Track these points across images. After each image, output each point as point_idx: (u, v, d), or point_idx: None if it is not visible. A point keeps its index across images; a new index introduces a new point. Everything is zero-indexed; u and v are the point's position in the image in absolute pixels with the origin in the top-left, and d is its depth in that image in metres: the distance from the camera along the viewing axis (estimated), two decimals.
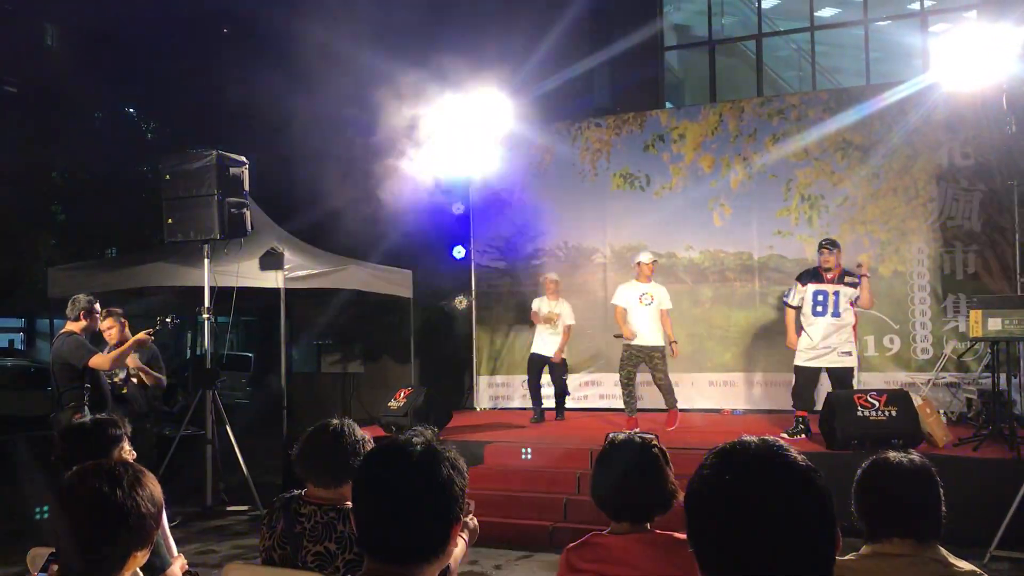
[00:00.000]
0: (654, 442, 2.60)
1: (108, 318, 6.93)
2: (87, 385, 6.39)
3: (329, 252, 10.45)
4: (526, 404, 10.40)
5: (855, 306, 7.57)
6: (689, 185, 10.30)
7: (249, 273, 8.61)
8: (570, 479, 7.05)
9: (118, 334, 6.95)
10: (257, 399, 16.60)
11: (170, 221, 7.77)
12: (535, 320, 9.36)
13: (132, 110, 19.62)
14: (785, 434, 7.68)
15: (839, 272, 7.59)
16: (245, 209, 7.85)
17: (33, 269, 16.92)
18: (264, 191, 10.55)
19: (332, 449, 2.78)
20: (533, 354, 9.38)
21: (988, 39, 7.61)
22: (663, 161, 10.45)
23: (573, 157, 10.87)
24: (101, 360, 6.41)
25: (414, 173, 9.07)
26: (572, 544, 2.51)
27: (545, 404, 9.50)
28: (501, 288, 11.21)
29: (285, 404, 9.15)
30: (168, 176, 7.81)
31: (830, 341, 7.55)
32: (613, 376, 10.42)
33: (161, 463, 7.23)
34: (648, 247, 9.50)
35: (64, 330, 6.52)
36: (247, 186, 7.94)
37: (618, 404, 10.16)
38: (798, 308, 7.74)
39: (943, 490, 2.27)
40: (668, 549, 2.36)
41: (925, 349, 9.29)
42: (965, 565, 2.18)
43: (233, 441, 7.67)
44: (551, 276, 9.51)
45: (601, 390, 10.52)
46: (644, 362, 8.41)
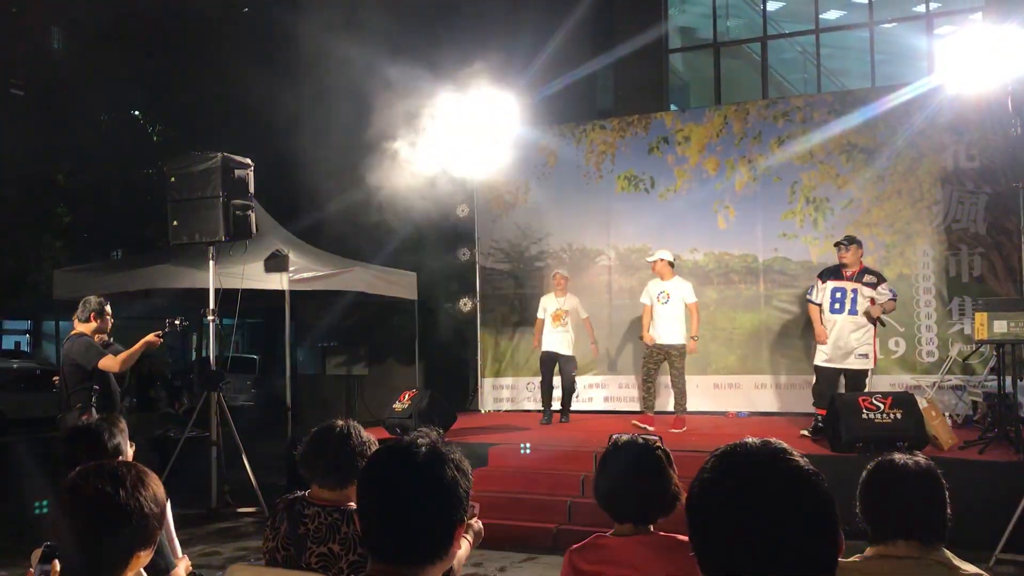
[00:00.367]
0: (657, 444, 2.59)
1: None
2: (95, 387, 6.41)
3: (333, 254, 10.46)
4: (530, 406, 10.40)
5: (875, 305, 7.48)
6: (694, 187, 10.29)
7: (254, 275, 8.63)
8: (574, 481, 7.03)
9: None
10: (262, 401, 16.65)
11: (175, 223, 7.76)
12: (537, 326, 9.36)
13: (137, 112, 19.66)
14: (806, 432, 7.68)
15: (858, 269, 7.57)
16: (250, 211, 7.83)
17: (39, 271, 16.99)
18: (269, 193, 10.57)
19: (337, 450, 2.77)
20: (544, 352, 9.33)
21: (993, 41, 7.57)
22: (668, 163, 10.44)
23: (578, 159, 10.86)
24: (111, 362, 6.42)
25: (419, 175, 9.08)
26: (575, 546, 2.51)
27: (552, 406, 9.46)
28: (505, 290, 11.21)
29: (289, 406, 9.16)
30: (173, 178, 7.80)
31: (848, 341, 7.52)
32: (618, 378, 10.44)
33: (166, 464, 7.23)
34: (653, 249, 9.49)
35: (74, 331, 6.54)
36: (252, 188, 7.92)
37: (623, 406, 10.18)
38: (820, 305, 7.70)
39: (948, 493, 2.27)
40: (671, 551, 2.36)
41: (931, 352, 9.25)
42: (970, 568, 2.17)
43: (239, 443, 7.68)
44: (560, 272, 9.51)
45: (606, 392, 10.49)
46: (665, 360, 8.44)
